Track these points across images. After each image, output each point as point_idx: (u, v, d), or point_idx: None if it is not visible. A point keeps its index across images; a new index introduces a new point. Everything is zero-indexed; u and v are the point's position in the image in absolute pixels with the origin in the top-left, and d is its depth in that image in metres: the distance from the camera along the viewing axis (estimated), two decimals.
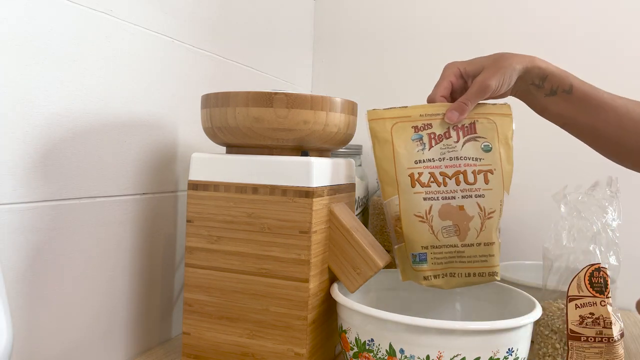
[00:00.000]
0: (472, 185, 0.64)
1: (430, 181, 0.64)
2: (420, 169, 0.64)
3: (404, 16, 1.15)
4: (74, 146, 0.58)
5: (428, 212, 0.63)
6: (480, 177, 0.64)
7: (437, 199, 0.63)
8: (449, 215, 0.64)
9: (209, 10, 0.81)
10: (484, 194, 0.64)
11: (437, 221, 0.63)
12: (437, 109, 0.65)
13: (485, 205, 0.63)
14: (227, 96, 0.61)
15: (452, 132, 0.64)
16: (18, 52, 0.51)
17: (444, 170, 0.64)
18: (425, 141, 0.64)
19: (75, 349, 0.61)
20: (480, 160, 0.64)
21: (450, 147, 0.64)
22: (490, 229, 0.64)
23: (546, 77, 0.64)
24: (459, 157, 0.64)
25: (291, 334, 0.60)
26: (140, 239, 0.69)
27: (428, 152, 0.64)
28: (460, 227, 0.63)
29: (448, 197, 0.63)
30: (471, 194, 0.64)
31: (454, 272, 0.64)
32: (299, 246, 0.60)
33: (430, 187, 0.63)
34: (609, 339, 0.60)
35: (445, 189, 0.64)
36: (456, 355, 0.52)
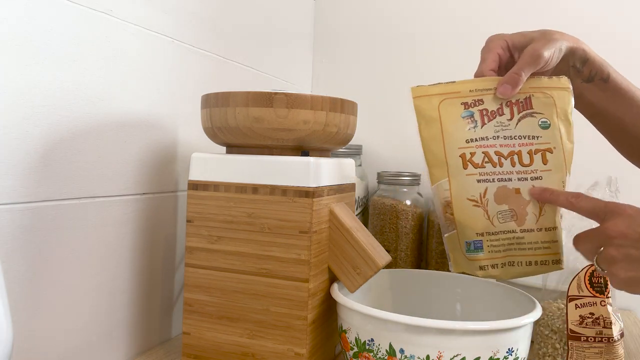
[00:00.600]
0: (527, 167, 0.58)
1: (484, 161, 0.58)
2: (473, 148, 0.58)
3: (404, 16, 1.15)
4: (74, 146, 0.58)
5: (483, 195, 0.58)
6: (538, 158, 0.58)
7: (493, 181, 0.57)
8: (505, 198, 0.58)
9: (209, 10, 0.81)
10: (542, 176, 0.58)
11: (493, 205, 0.57)
12: (488, 84, 0.59)
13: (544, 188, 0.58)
14: (227, 96, 0.61)
15: (505, 109, 0.58)
16: (18, 52, 0.51)
17: (499, 149, 0.58)
18: (476, 118, 0.58)
19: (75, 348, 0.61)
20: (537, 139, 0.58)
21: (503, 125, 0.58)
22: (552, 213, 0.58)
23: (587, 60, 0.61)
24: (513, 137, 0.58)
25: (291, 334, 0.60)
26: (140, 239, 0.69)
27: (480, 129, 0.58)
28: (517, 211, 0.58)
29: (504, 178, 0.58)
30: (527, 177, 0.58)
31: (513, 260, 0.59)
32: (299, 246, 0.60)
33: (485, 168, 0.58)
34: (609, 339, 0.60)
35: (502, 170, 0.58)
36: (456, 355, 0.52)
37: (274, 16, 1.03)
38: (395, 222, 0.97)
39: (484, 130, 0.58)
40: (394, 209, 0.97)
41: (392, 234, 0.97)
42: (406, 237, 0.97)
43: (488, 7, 1.10)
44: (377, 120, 1.17)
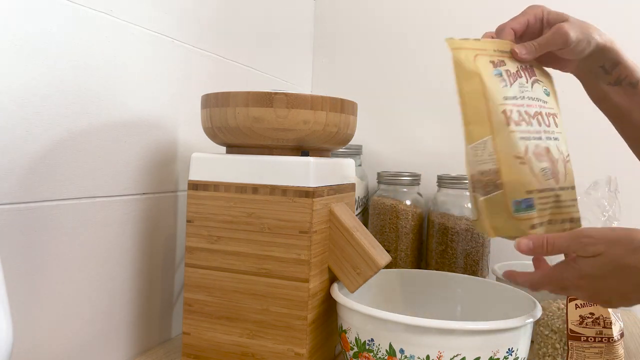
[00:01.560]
0: (549, 128, 0.59)
1: (520, 119, 0.57)
2: (510, 106, 0.57)
3: (404, 16, 1.15)
4: (74, 146, 0.58)
5: (525, 152, 0.56)
6: (552, 120, 0.59)
7: (530, 139, 0.57)
8: (542, 156, 0.57)
9: (209, 10, 0.81)
10: (558, 137, 0.59)
11: (535, 163, 0.56)
12: (507, 46, 0.60)
13: (562, 149, 0.59)
14: (227, 96, 0.61)
15: (522, 72, 0.59)
16: (18, 52, 0.51)
17: (527, 109, 0.58)
18: (505, 77, 0.58)
19: (75, 348, 0.61)
20: (546, 104, 0.60)
21: (524, 86, 0.59)
22: (571, 173, 0.59)
23: (619, 64, 0.61)
24: (533, 98, 0.59)
25: (291, 334, 0.60)
26: (140, 239, 0.69)
27: (510, 88, 0.58)
28: (553, 169, 0.57)
29: (537, 137, 0.57)
30: (550, 137, 0.58)
31: (552, 219, 0.58)
32: (299, 246, 0.60)
33: (521, 126, 0.57)
34: (609, 339, 0.60)
35: (533, 129, 0.57)
36: (456, 355, 0.52)
37: (274, 16, 1.03)
38: (395, 222, 0.97)
39: (512, 90, 0.58)
40: (394, 209, 0.97)
41: (392, 234, 0.97)
42: (406, 237, 0.97)
43: (488, 7, 1.10)
44: (377, 120, 1.17)
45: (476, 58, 0.58)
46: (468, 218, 0.94)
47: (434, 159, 1.12)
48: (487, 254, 0.96)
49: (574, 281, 0.50)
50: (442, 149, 1.12)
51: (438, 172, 1.02)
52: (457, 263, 0.94)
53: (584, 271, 0.49)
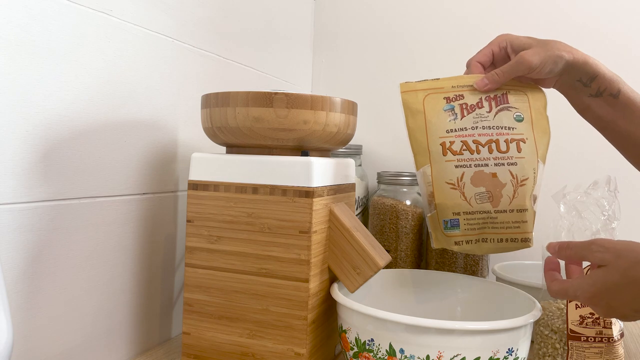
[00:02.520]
0: (504, 154, 0.63)
1: (462, 149, 0.64)
2: (452, 137, 0.64)
3: (404, 16, 1.15)
4: (74, 146, 0.58)
5: (460, 179, 0.63)
6: (513, 146, 0.64)
7: (470, 166, 0.63)
8: (482, 182, 0.63)
9: (209, 10, 0.81)
10: (517, 162, 0.63)
11: (470, 188, 0.63)
12: (469, 80, 0.65)
13: (517, 173, 0.63)
14: (227, 96, 0.61)
15: (484, 102, 0.64)
16: (18, 52, 0.51)
17: (477, 138, 0.64)
18: (457, 111, 0.64)
19: (75, 348, 0.61)
20: (513, 130, 0.64)
21: (482, 116, 0.64)
22: (523, 196, 0.63)
23: (595, 77, 0.63)
24: (492, 127, 0.64)
25: (291, 333, 0.60)
26: (140, 239, 0.69)
27: (460, 121, 0.64)
28: (493, 193, 0.63)
29: (481, 164, 0.63)
30: (504, 162, 0.63)
31: (486, 237, 0.64)
32: (299, 246, 0.60)
33: (463, 155, 0.63)
34: (609, 339, 0.60)
35: (478, 157, 0.63)
36: (456, 355, 0.52)
37: (274, 16, 1.03)
38: (395, 222, 0.97)
39: (463, 122, 0.64)
40: (394, 209, 0.97)
41: (392, 234, 0.97)
42: (406, 237, 0.97)
43: (487, 7, 1.10)
44: (377, 120, 1.17)
45: (426, 98, 0.66)
46: None
47: None
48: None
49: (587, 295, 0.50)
50: None
51: None
52: (457, 263, 0.94)
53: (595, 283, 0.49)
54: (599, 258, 0.50)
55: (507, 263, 0.91)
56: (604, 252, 0.49)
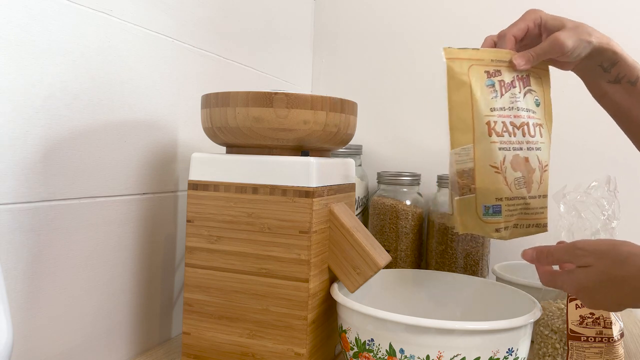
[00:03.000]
0: (532, 138, 0.62)
1: (503, 130, 0.61)
2: (495, 117, 0.60)
3: (404, 16, 1.15)
4: (74, 146, 0.58)
5: (502, 162, 0.60)
6: (537, 130, 0.62)
7: (509, 150, 0.61)
8: (518, 166, 0.61)
9: (209, 10, 0.81)
10: (541, 147, 0.62)
11: (510, 172, 0.60)
12: (505, 56, 0.62)
13: (542, 159, 0.62)
14: (227, 96, 0.61)
15: (516, 82, 0.62)
16: (18, 52, 0.51)
17: (513, 120, 0.61)
18: (497, 88, 0.61)
19: (75, 348, 0.61)
20: (535, 114, 0.63)
21: (516, 97, 0.62)
22: (546, 182, 0.63)
23: (617, 62, 0.62)
24: (523, 109, 0.62)
25: (291, 333, 0.60)
26: (140, 239, 0.69)
27: (500, 99, 0.61)
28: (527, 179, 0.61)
29: (517, 148, 0.61)
30: (533, 147, 0.62)
31: (519, 223, 0.63)
32: (299, 246, 0.60)
33: (504, 137, 0.61)
34: (609, 339, 0.60)
35: (515, 140, 0.61)
36: (456, 355, 0.52)
37: (274, 16, 1.03)
38: (395, 222, 0.97)
39: (502, 101, 0.61)
40: (394, 209, 0.97)
41: (392, 234, 0.97)
42: (406, 237, 0.97)
43: (487, 7, 1.10)
44: (377, 120, 1.17)
45: (470, 69, 0.61)
46: None
47: (434, 159, 1.12)
48: (487, 254, 0.96)
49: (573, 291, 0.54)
50: (442, 149, 1.12)
51: (438, 172, 1.02)
52: (457, 263, 0.94)
53: (580, 281, 0.52)
54: (582, 261, 0.52)
55: (507, 263, 0.91)
56: (587, 255, 0.52)
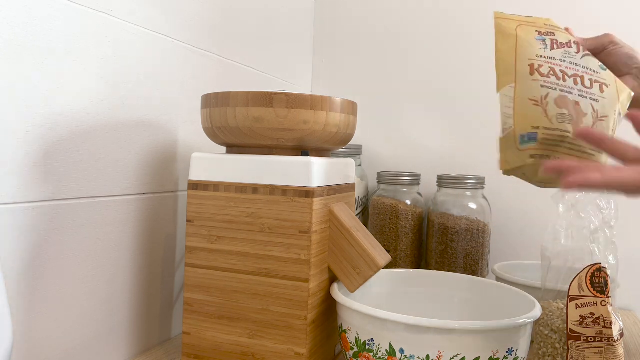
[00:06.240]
0: (589, 89, 0.63)
1: (550, 73, 0.63)
2: (541, 62, 0.64)
3: (404, 16, 1.15)
4: (74, 146, 0.58)
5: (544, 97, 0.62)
6: (597, 86, 0.64)
7: (555, 89, 0.62)
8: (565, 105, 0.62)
9: (209, 11, 0.81)
10: (599, 100, 0.63)
11: (553, 108, 0.62)
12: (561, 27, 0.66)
13: (599, 109, 0.63)
14: (227, 96, 0.61)
15: (573, 44, 0.65)
16: (18, 52, 0.51)
17: (564, 69, 0.64)
18: (547, 43, 0.65)
19: (75, 348, 0.61)
20: (597, 73, 0.64)
21: (571, 54, 0.65)
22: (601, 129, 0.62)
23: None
24: (578, 64, 0.64)
25: (291, 333, 0.60)
26: (140, 239, 0.69)
27: (550, 51, 0.64)
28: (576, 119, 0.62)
29: (566, 90, 0.63)
30: (587, 96, 0.63)
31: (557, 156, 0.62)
32: (299, 246, 0.60)
33: (550, 78, 0.63)
34: (608, 339, 0.60)
35: (564, 84, 0.63)
36: (456, 355, 0.52)
37: (274, 16, 1.03)
38: (395, 222, 0.97)
39: (552, 53, 0.64)
40: (394, 209, 0.97)
41: (392, 234, 0.97)
42: (406, 237, 0.97)
43: (488, 7, 1.10)
44: (377, 120, 1.17)
45: (519, 27, 0.66)
46: (468, 218, 0.94)
47: (434, 159, 1.12)
48: (487, 254, 0.96)
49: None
50: (442, 149, 1.12)
51: (438, 172, 1.02)
52: (457, 263, 0.94)
53: None
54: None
55: (507, 263, 0.91)
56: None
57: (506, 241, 1.07)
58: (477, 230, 0.94)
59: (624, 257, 0.72)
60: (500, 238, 1.06)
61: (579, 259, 0.64)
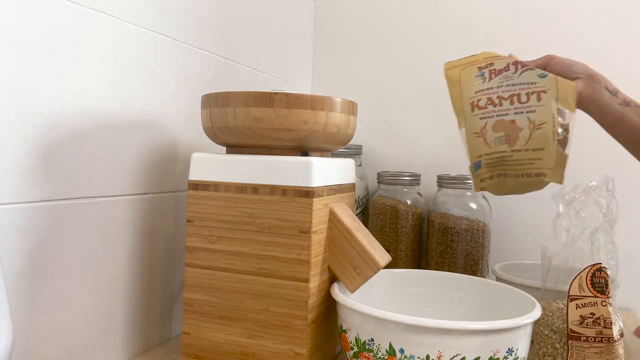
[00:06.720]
0: (525, 104, 0.71)
1: (487, 104, 0.73)
2: (479, 96, 0.74)
3: (404, 16, 1.15)
4: (74, 146, 0.58)
5: (483, 128, 0.72)
6: (534, 97, 0.71)
7: (492, 117, 0.72)
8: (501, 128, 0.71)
9: (209, 10, 0.81)
10: (535, 110, 0.70)
11: (491, 134, 0.72)
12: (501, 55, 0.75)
13: (535, 119, 0.70)
14: (227, 96, 0.61)
15: (511, 66, 0.73)
16: (18, 52, 0.51)
17: (500, 94, 0.73)
18: (486, 76, 0.74)
19: (75, 348, 0.61)
20: (535, 84, 0.71)
21: (508, 77, 0.73)
22: (540, 137, 0.70)
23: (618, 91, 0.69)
24: (515, 84, 0.72)
25: (291, 333, 0.60)
26: (140, 239, 0.69)
27: (487, 82, 0.74)
28: (511, 136, 0.71)
29: (502, 114, 0.72)
30: (523, 110, 0.71)
31: (504, 173, 0.71)
32: (299, 246, 0.60)
33: (487, 109, 0.73)
34: (608, 339, 0.60)
35: (500, 109, 0.72)
36: (456, 355, 0.52)
37: (274, 16, 1.03)
38: (395, 222, 0.97)
39: (490, 83, 0.74)
40: (394, 209, 0.97)
41: (392, 234, 0.97)
42: (406, 237, 0.97)
43: (488, 7, 1.10)
44: (377, 120, 1.17)
45: (462, 71, 0.76)
46: (468, 218, 0.94)
47: (434, 159, 1.12)
48: (487, 254, 0.96)
49: None
50: (442, 149, 1.12)
51: (438, 172, 1.02)
52: (457, 263, 0.94)
53: None
54: None
55: (507, 263, 0.91)
56: None
57: (506, 241, 1.07)
58: (477, 230, 0.94)
59: (624, 257, 0.72)
60: (500, 238, 1.06)
61: (579, 259, 0.64)
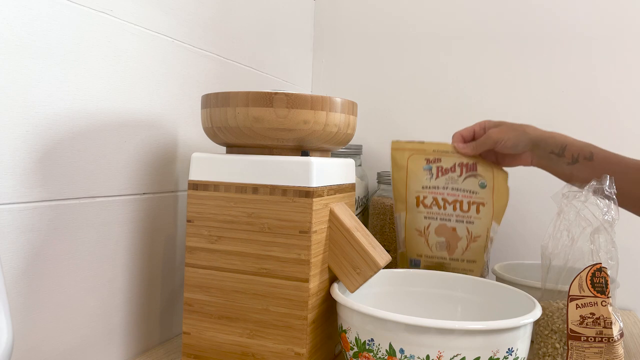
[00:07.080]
0: (465, 213, 0.76)
1: (432, 204, 0.77)
2: (426, 193, 0.77)
3: (404, 16, 1.15)
4: (74, 146, 0.58)
5: (426, 228, 0.77)
6: (474, 208, 0.77)
7: (436, 219, 0.77)
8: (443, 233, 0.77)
9: (209, 10, 0.81)
10: (474, 222, 0.76)
11: (433, 236, 0.77)
12: (448, 148, 0.79)
13: (472, 231, 0.76)
14: (227, 96, 0.61)
15: (457, 168, 0.77)
16: (18, 52, 0.51)
17: (445, 197, 0.77)
18: (433, 172, 0.78)
19: (75, 348, 0.61)
20: (475, 194, 0.77)
21: (453, 179, 0.77)
22: (475, 250, 0.76)
23: (565, 146, 0.71)
24: (459, 189, 0.77)
25: (291, 333, 0.60)
26: (140, 239, 0.69)
27: (434, 180, 0.77)
28: (451, 244, 0.77)
29: (445, 218, 0.77)
30: (463, 220, 0.76)
31: None
32: (299, 246, 0.60)
33: (432, 209, 0.77)
34: (609, 339, 0.60)
35: (444, 212, 0.77)
36: (456, 355, 0.52)
37: (274, 16, 1.03)
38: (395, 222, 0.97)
39: (437, 182, 0.78)
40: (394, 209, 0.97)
41: (392, 234, 0.97)
42: None
43: (487, 9, 1.10)
44: (377, 120, 1.17)
45: (410, 157, 0.80)
46: None
47: None
48: None
49: None
50: None
51: None
52: None
53: None
54: None
55: (507, 263, 0.91)
56: None
57: (506, 241, 1.07)
58: None
59: (624, 257, 0.72)
60: (500, 238, 1.06)
61: (579, 259, 0.64)
